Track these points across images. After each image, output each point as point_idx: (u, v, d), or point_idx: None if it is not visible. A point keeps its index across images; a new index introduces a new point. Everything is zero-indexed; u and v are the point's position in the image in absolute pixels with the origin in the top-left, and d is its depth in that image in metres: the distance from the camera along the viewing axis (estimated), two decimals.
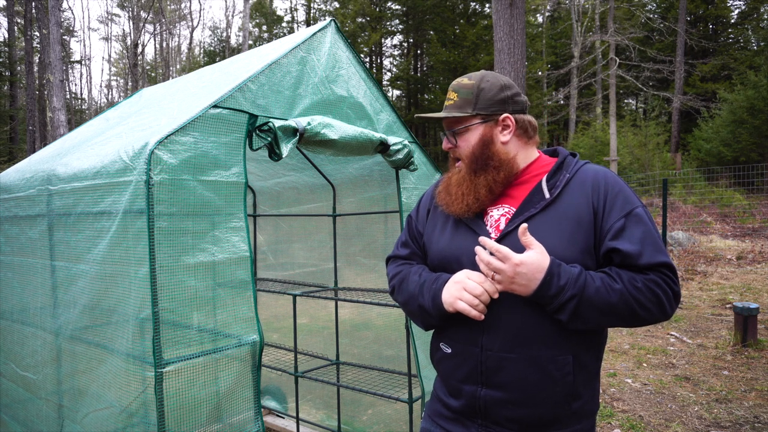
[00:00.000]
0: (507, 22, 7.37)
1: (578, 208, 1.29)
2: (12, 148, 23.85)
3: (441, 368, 1.45)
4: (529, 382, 1.28)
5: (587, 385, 1.33)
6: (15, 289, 2.80)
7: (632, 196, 1.32)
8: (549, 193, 1.33)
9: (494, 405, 1.31)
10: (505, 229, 1.33)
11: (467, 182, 1.39)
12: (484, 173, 1.39)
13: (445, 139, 1.46)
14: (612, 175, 1.36)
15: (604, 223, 1.27)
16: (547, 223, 1.29)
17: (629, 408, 4.03)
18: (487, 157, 1.39)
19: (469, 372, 1.35)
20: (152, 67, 40.91)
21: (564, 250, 1.25)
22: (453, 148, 1.46)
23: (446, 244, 1.42)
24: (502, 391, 1.30)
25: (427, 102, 30.87)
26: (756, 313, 5.24)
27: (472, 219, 1.39)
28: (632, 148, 18.45)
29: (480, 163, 1.39)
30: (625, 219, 1.26)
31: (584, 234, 1.27)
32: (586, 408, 1.34)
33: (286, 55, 2.32)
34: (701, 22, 27.11)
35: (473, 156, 1.40)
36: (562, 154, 1.43)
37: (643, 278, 1.22)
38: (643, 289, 1.21)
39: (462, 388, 1.37)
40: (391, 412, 3.68)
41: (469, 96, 1.41)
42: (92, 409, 2.12)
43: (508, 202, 1.39)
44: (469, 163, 1.41)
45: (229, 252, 1.97)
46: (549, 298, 1.21)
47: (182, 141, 1.84)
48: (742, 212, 12.37)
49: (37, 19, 17.67)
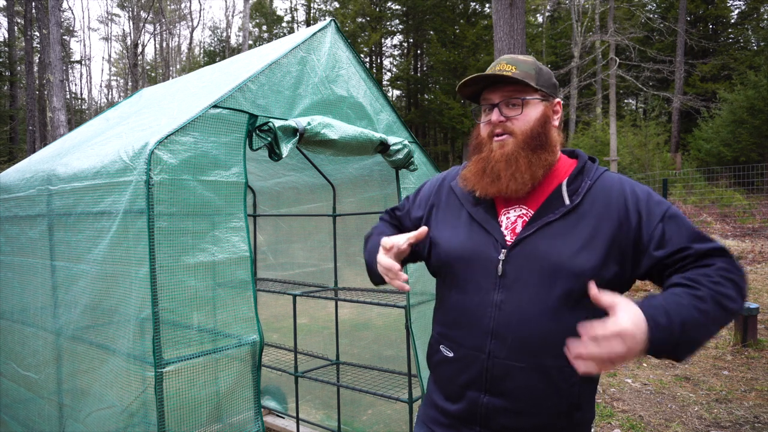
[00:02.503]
0: (507, 22, 7.37)
1: (599, 217, 1.25)
2: (12, 148, 23.84)
3: (439, 371, 1.40)
4: (534, 392, 1.24)
5: (589, 396, 1.31)
6: (15, 289, 2.80)
7: (659, 198, 1.28)
8: (569, 199, 1.28)
9: (495, 413, 1.28)
10: (522, 233, 1.28)
11: (523, 158, 1.29)
12: (541, 152, 1.30)
13: (496, 111, 1.32)
14: (634, 182, 1.32)
15: (643, 233, 1.22)
16: (566, 231, 1.25)
17: (629, 408, 4.03)
18: (546, 136, 1.32)
19: (472, 378, 1.30)
20: (152, 67, 40.91)
21: (584, 261, 1.21)
22: (504, 122, 1.32)
23: (459, 245, 1.36)
24: (506, 399, 1.26)
25: (427, 102, 30.87)
26: (756, 313, 5.24)
27: (486, 219, 1.34)
28: (632, 148, 18.43)
29: (539, 141, 1.31)
30: (663, 224, 1.22)
31: (605, 243, 1.22)
32: (586, 417, 1.31)
33: (286, 55, 2.32)
34: (701, 22, 27.10)
35: (533, 132, 1.31)
36: (582, 158, 1.37)
37: (713, 270, 1.15)
38: (722, 281, 1.14)
39: (464, 394, 1.32)
40: (391, 412, 3.68)
41: (530, 71, 1.33)
42: (95, 409, 2.12)
43: (525, 203, 1.33)
44: (526, 139, 1.30)
45: (229, 252, 1.97)
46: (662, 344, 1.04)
47: (182, 141, 1.84)
48: (742, 212, 12.37)
49: (37, 19, 17.67)
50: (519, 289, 1.25)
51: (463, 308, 1.34)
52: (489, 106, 1.36)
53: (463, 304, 1.34)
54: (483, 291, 1.30)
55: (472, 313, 1.31)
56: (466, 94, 1.41)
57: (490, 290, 1.29)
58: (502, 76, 1.31)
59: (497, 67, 1.35)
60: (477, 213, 1.37)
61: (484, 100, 1.38)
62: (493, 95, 1.34)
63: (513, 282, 1.26)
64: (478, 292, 1.31)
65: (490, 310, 1.28)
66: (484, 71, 1.38)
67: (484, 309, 1.29)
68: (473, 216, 1.36)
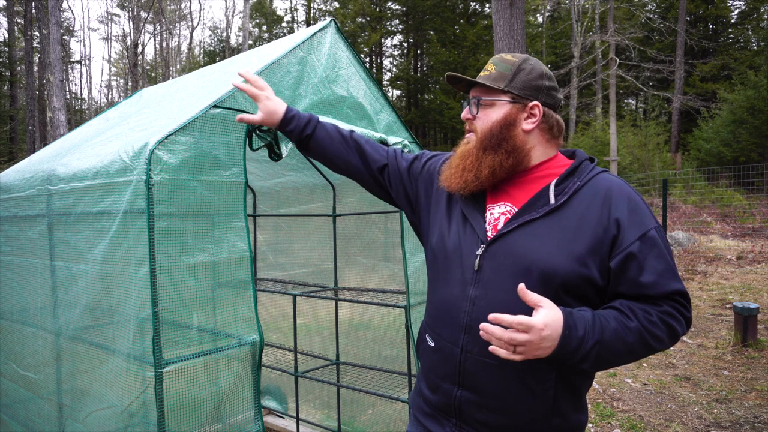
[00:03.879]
0: (507, 22, 7.38)
1: (583, 219, 1.22)
2: (12, 148, 23.86)
3: (424, 359, 1.43)
4: (506, 391, 1.24)
5: (572, 402, 1.28)
6: (15, 289, 2.80)
7: (648, 214, 1.24)
8: (555, 199, 1.27)
9: (469, 407, 1.28)
10: (502, 229, 1.28)
11: (472, 157, 1.34)
12: (493, 153, 1.32)
13: (466, 108, 1.39)
14: (629, 189, 1.28)
15: (615, 244, 1.20)
16: (545, 230, 1.24)
17: (629, 408, 4.03)
18: (503, 138, 1.32)
19: (449, 370, 1.32)
20: (152, 67, 40.91)
21: (561, 261, 1.20)
22: (471, 120, 1.38)
23: (447, 237, 1.38)
24: (478, 395, 1.27)
25: (427, 102, 30.87)
26: (756, 313, 5.24)
27: (473, 214, 1.35)
28: (632, 148, 18.44)
29: (493, 142, 1.32)
30: (641, 242, 1.19)
31: (585, 246, 1.20)
32: (570, 424, 1.28)
33: (286, 55, 2.32)
34: (701, 22, 27.11)
35: (489, 133, 1.34)
36: (579, 158, 1.36)
37: (657, 311, 1.18)
38: (658, 323, 1.17)
39: (440, 385, 1.34)
40: (391, 412, 3.68)
41: (506, 71, 1.35)
42: (94, 409, 2.12)
43: (510, 200, 1.34)
44: (482, 138, 1.34)
45: (229, 252, 1.97)
46: (570, 353, 1.12)
47: (182, 141, 1.84)
48: (742, 212, 12.37)
49: (37, 19, 17.66)
50: (493, 285, 1.25)
51: (444, 300, 1.36)
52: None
53: (444, 297, 1.36)
54: (461, 285, 1.31)
55: (451, 306, 1.33)
56: (462, 89, 1.46)
57: (467, 284, 1.30)
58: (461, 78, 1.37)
59: (486, 65, 1.41)
60: (467, 207, 1.39)
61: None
62: (472, 93, 1.41)
63: (488, 278, 1.26)
64: (457, 285, 1.32)
65: (465, 304, 1.29)
66: None
67: (461, 303, 1.30)
68: (463, 209, 1.39)
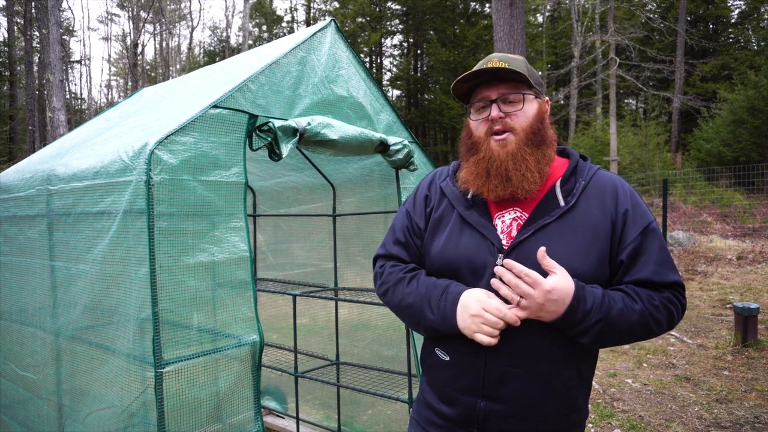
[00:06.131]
0: (507, 22, 7.37)
1: (595, 218, 1.24)
2: (12, 148, 23.84)
3: (433, 374, 1.37)
4: (532, 397, 1.23)
5: (585, 396, 1.31)
6: (14, 289, 2.79)
7: (646, 208, 1.29)
8: (564, 200, 1.25)
9: (494, 417, 1.26)
10: (518, 237, 1.24)
11: (529, 156, 1.26)
12: (545, 148, 1.28)
13: (495, 107, 1.28)
14: (627, 185, 1.32)
15: (623, 237, 1.24)
16: (562, 233, 1.22)
17: (629, 408, 4.03)
18: (544, 133, 1.29)
19: (469, 383, 1.27)
20: (152, 67, 40.90)
21: (580, 263, 1.20)
22: (504, 119, 1.28)
23: (452, 249, 1.31)
24: (504, 404, 1.24)
25: (427, 102, 30.86)
26: (756, 313, 5.24)
27: (481, 222, 1.29)
28: (632, 148, 18.44)
29: (539, 137, 1.28)
30: (642, 236, 1.23)
31: (600, 245, 1.23)
32: (581, 417, 1.32)
33: (286, 55, 2.32)
34: (701, 22, 27.10)
35: (532, 129, 1.28)
36: (574, 157, 1.35)
37: (659, 296, 1.23)
38: (660, 307, 1.22)
39: (459, 398, 1.29)
40: (391, 412, 3.68)
41: (522, 68, 1.28)
42: (94, 409, 2.12)
43: (519, 205, 1.29)
44: (528, 135, 1.27)
45: (229, 252, 1.97)
46: (574, 323, 1.16)
47: (182, 141, 1.84)
48: (742, 212, 12.37)
49: (37, 18, 17.66)
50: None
51: None
52: (484, 103, 1.31)
53: None
54: None
55: None
56: (460, 92, 1.37)
57: None
58: (507, 70, 1.26)
59: (489, 64, 1.29)
60: (471, 216, 1.31)
61: (479, 98, 1.32)
62: (490, 92, 1.30)
63: None
64: None
65: None
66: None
67: None
68: (467, 219, 1.31)
